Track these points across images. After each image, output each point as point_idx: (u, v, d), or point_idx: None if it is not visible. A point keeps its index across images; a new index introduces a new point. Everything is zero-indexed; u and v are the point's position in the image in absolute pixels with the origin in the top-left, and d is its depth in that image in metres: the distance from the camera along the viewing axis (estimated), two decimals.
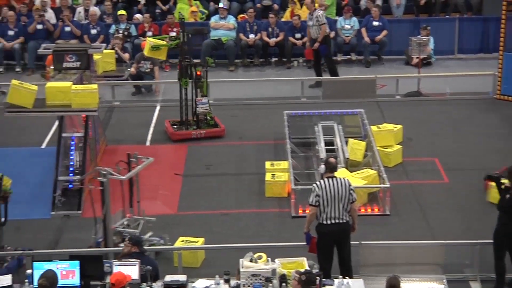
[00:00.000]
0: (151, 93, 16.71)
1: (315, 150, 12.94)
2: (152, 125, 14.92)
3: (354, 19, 18.55)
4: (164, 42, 13.96)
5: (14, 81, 11.41)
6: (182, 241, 10.23)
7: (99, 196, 9.91)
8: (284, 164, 12.38)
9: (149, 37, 14.44)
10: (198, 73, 13.95)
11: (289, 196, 11.76)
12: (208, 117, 14.25)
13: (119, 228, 10.20)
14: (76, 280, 8.37)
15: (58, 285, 7.71)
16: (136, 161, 10.40)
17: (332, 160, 9.40)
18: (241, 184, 12.44)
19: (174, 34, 17.99)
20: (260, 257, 8.47)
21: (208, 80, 14.20)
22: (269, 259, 8.50)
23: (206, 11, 19.13)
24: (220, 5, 18.55)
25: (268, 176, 12.12)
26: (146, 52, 13.98)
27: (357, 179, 11.59)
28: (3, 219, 9.78)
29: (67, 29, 18.13)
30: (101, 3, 19.22)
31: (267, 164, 12.49)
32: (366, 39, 18.23)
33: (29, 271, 8.50)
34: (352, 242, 9.35)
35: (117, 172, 9.99)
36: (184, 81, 14.01)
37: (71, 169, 12.12)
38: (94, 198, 10.05)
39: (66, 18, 18.16)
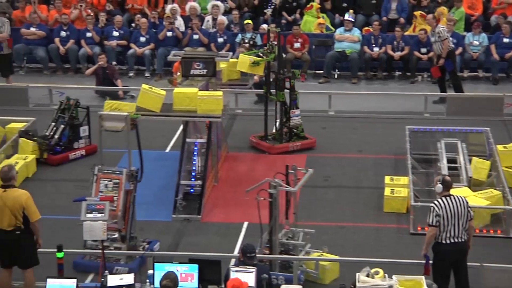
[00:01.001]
0: (273, 102, 16.82)
1: (436, 167, 12.67)
2: None
3: (484, 35, 18.08)
4: (264, 57, 13.88)
5: (144, 86, 11.79)
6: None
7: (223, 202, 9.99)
8: (404, 180, 12.21)
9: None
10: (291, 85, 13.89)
11: (408, 212, 11.59)
12: (299, 129, 14.18)
13: (283, 240, 10.01)
14: (194, 283, 8.52)
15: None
16: (294, 173, 10.18)
17: (448, 178, 9.24)
18: (359, 198, 12.36)
19: (298, 45, 18.25)
20: (377, 273, 8.38)
21: (299, 91, 14.25)
22: (386, 275, 8.40)
23: (332, 29, 19.09)
24: (346, 17, 18.52)
25: (387, 191, 11.98)
26: (245, 69, 13.46)
27: (480, 199, 11.28)
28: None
29: (195, 37, 18.60)
30: (229, 13, 19.61)
31: (387, 179, 12.35)
32: (495, 56, 17.73)
33: (150, 271, 8.75)
34: (470, 264, 9.11)
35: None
36: (280, 95, 13.92)
37: (193, 174, 12.37)
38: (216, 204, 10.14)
39: (195, 26, 18.64)
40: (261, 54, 13.89)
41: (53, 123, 13.59)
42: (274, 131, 14.41)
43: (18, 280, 9.28)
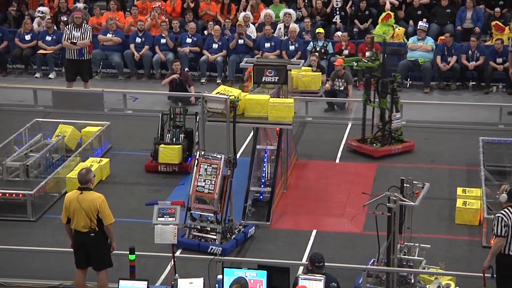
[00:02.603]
0: (343, 110, 16.83)
1: (511, 179, 12.41)
2: (343, 142, 15.01)
3: None
4: (369, 63, 14.02)
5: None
6: None
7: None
8: (476, 192, 12.00)
9: (345, 56, 14.50)
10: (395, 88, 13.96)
11: (480, 225, 11.38)
12: (398, 132, 14.16)
13: (400, 255, 9.85)
14: None
15: None
16: (411, 187, 9.78)
17: None
18: (430, 208, 12.18)
19: (368, 54, 18.14)
20: (448, 285, 8.28)
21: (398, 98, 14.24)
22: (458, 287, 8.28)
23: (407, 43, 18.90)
24: (419, 25, 18.33)
25: (459, 203, 11.80)
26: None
27: None
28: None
29: (267, 44, 18.70)
30: (301, 20, 19.65)
31: (459, 190, 12.16)
32: None
33: (219, 276, 8.84)
34: None
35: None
36: (384, 102, 13.92)
37: (262, 180, 12.44)
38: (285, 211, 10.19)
39: (267, 33, 18.74)
40: (365, 60, 14.16)
41: (168, 134, 13.47)
42: (361, 135, 14.42)
43: (92, 281, 9.49)
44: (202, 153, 11.12)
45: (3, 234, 11.31)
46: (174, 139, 13.52)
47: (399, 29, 19.06)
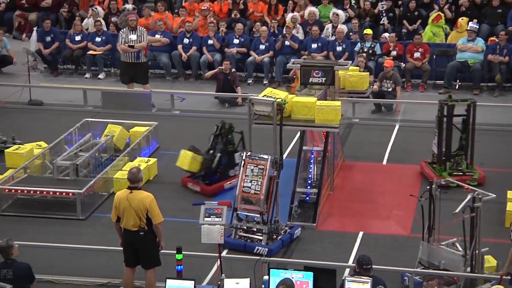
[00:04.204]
0: (391, 112, 16.71)
1: None
2: (390, 144, 14.91)
3: None
4: None
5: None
6: None
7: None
8: None
9: (393, 58, 14.32)
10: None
11: None
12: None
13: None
14: None
15: None
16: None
17: None
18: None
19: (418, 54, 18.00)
20: None
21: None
22: None
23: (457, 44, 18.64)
24: (470, 26, 18.08)
25: (509, 206, 11.63)
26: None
27: None
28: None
29: (314, 45, 18.67)
30: (349, 21, 19.57)
31: (509, 194, 11.98)
32: None
33: (265, 277, 8.86)
34: None
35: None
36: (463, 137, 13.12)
37: (308, 181, 12.43)
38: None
39: (314, 33, 18.71)
40: None
41: (211, 150, 12.93)
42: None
43: (140, 280, 9.60)
44: (249, 153, 11.17)
45: (53, 232, 11.51)
46: (211, 152, 12.91)
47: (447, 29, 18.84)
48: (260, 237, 10.91)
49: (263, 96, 11.71)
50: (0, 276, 8.77)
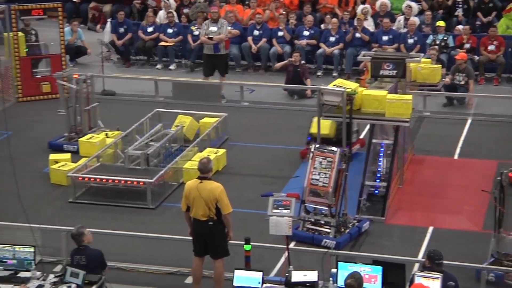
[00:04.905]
0: (463, 105, 16.41)
1: None
2: (462, 138, 14.65)
3: None
4: None
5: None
6: None
7: None
8: None
9: (467, 50, 14.02)
10: None
11: None
12: None
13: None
14: (377, 285, 8.47)
15: None
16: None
17: None
18: None
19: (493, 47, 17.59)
20: None
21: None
22: None
23: None
24: None
25: None
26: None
27: None
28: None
29: (385, 38, 18.46)
30: (422, 14, 19.27)
31: None
32: None
33: (333, 270, 8.83)
34: None
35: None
36: None
37: (378, 175, 12.30)
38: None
39: (385, 26, 18.50)
40: None
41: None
42: None
43: (208, 269, 9.70)
44: (317, 146, 11.15)
45: (124, 220, 11.72)
46: None
47: None
48: (328, 230, 10.90)
49: (333, 87, 11.66)
50: (74, 262, 8.99)
